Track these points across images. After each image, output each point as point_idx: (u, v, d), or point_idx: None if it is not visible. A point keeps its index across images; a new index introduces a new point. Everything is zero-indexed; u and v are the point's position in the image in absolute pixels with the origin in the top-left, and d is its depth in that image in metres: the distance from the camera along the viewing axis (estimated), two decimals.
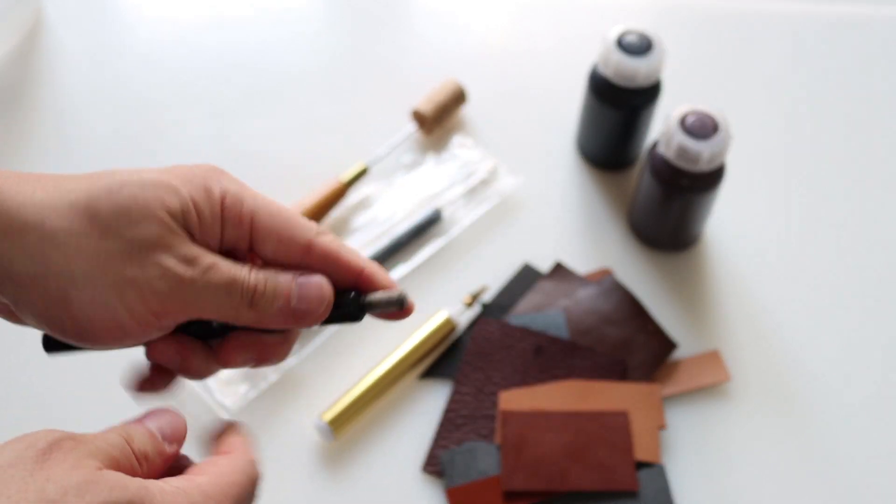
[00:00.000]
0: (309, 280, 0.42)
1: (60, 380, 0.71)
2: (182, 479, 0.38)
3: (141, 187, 0.39)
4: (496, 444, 0.67)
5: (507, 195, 0.80)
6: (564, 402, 0.69)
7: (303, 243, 0.42)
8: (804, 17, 0.94)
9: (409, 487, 0.67)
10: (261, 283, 0.41)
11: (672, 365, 0.72)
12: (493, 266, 0.77)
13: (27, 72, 0.88)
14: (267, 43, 0.91)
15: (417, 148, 0.83)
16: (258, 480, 0.40)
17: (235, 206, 0.41)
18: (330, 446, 0.68)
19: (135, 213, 0.39)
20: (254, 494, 0.40)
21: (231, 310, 0.40)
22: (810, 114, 0.87)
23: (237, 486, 0.39)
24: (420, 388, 0.71)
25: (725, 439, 0.69)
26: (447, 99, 0.82)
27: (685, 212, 0.73)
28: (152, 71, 0.89)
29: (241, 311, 0.41)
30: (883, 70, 0.91)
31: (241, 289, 0.40)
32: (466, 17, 0.94)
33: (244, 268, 0.41)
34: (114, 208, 0.39)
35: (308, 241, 0.42)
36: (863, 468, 0.69)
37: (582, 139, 0.83)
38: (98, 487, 0.34)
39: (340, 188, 0.77)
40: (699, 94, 0.82)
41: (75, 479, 0.33)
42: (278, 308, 0.41)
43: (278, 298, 0.41)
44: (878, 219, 0.81)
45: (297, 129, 0.85)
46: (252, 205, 0.41)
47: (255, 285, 0.41)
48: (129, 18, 0.94)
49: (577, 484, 0.66)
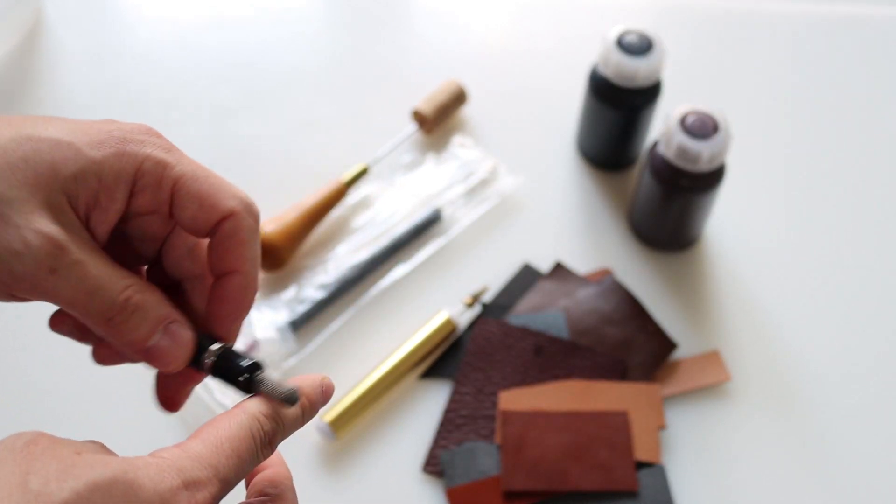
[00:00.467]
0: (178, 335, 0.39)
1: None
2: (172, 449, 0.36)
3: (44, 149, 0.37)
4: (496, 444, 0.67)
5: (507, 195, 0.80)
6: (564, 402, 0.69)
7: (225, 211, 0.39)
8: (804, 17, 0.94)
9: (409, 487, 0.67)
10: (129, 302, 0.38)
11: (672, 365, 0.72)
12: (493, 266, 0.77)
13: (27, 72, 0.88)
14: (267, 43, 0.91)
15: (418, 148, 0.83)
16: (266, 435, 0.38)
17: (156, 171, 0.39)
18: (330, 446, 0.68)
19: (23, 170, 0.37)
20: (256, 450, 0.37)
21: (87, 317, 0.38)
22: (810, 114, 0.87)
23: (233, 441, 0.37)
24: (420, 389, 0.71)
25: (725, 439, 0.69)
26: (448, 99, 0.82)
27: (685, 212, 0.73)
28: (152, 71, 0.89)
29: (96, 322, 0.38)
30: (883, 70, 0.91)
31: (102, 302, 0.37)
32: (466, 17, 0.94)
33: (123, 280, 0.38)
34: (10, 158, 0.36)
35: (231, 210, 0.39)
36: (863, 468, 0.69)
37: (582, 139, 0.83)
38: (78, 470, 0.33)
39: (340, 188, 0.77)
40: (699, 94, 0.82)
41: (55, 466, 0.33)
42: (131, 341, 0.39)
43: (136, 331, 0.38)
44: (878, 219, 0.81)
45: (297, 129, 0.85)
46: (178, 170, 0.39)
47: (120, 303, 0.38)
48: (129, 18, 0.94)
49: (577, 484, 0.66)
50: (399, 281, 0.76)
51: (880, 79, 0.90)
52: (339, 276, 0.74)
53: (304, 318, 0.72)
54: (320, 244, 0.77)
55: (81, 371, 0.71)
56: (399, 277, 0.76)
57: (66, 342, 0.42)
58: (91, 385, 0.70)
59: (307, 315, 0.73)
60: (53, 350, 0.72)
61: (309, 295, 0.73)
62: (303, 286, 0.74)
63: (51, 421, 0.69)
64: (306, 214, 0.75)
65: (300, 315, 0.72)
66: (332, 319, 0.73)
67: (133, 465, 0.35)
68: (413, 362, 0.71)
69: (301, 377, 0.40)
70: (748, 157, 0.81)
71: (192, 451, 0.36)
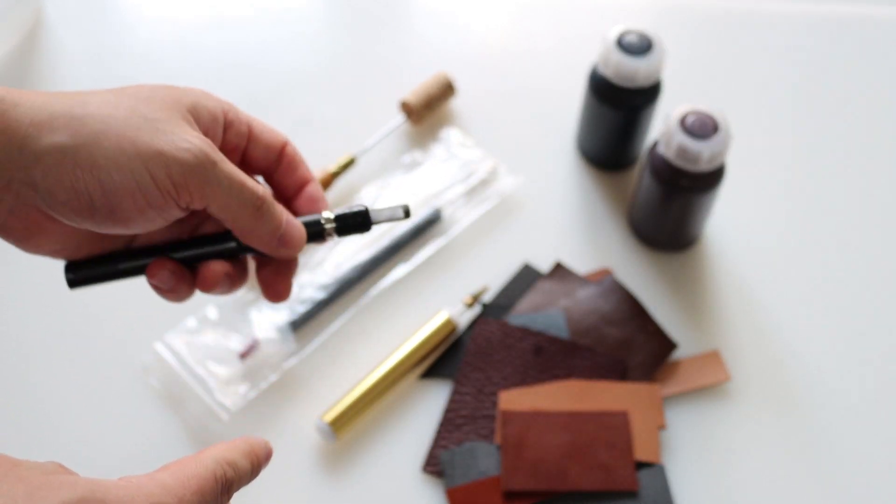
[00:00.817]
0: (294, 222, 0.49)
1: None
2: (141, 476, 0.38)
3: (155, 88, 0.45)
4: (496, 444, 0.67)
5: (507, 195, 0.80)
6: (564, 402, 0.69)
7: (279, 146, 0.51)
8: (804, 17, 0.94)
9: (409, 487, 0.67)
10: (267, 195, 0.46)
11: (672, 365, 0.72)
12: (493, 266, 0.77)
13: (27, 72, 0.88)
14: (267, 43, 0.91)
15: (406, 139, 0.83)
16: (227, 482, 0.40)
17: (237, 117, 0.49)
18: (330, 447, 0.69)
19: (157, 102, 0.43)
20: (217, 493, 0.40)
21: (239, 209, 0.45)
22: (810, 114, 0.87)
23: (199, 480, 0.39)
24: (420, 389, 0.71)
25: (725, 439, 0.69)
26: (435, 90, 0.83)
27: (685, 212, 0.73)
28: (152, 71, 0.89)
29: (245, 214, 0.45)
30: (883, 70, 0.91)
31: (252, 193, 0.45)
32: (466, 17, 0.94)
33: (251, 179, 0.46)
34: (137, 98, 0.43)
35: (283, 143, 0.51)
36: (863, 468, 0.69)
37: (582, 139, 0.83)
38: (46, 491, 0.34)
39: (326, 178, 0.78)
40: (699, 94, 0.82)
41: (22, 488, 0.33)
42: (272, 228, 0.47)
43: (275, 219, 0.47)
44: (878, 219, 0.81)
45: (296, 128, 0.84)
46: (246, 116, 0.50)
47: (263, 195, 0.46)
48: (129, 18, 0.94)
49: (577, 484, 0.66)
50: (399, 281, 0.76)
51: (880, 79, 0.90)
52: (339, 277, 0.74)
53: (304, 318, 0.72)
54: None
55: (70, 378, 0.71)
56: (399, 277, 0.76)
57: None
58: (81, 394, 0.71)
59: (307, 315, 0.73)
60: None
61: (309, 295, 0.73)
62: (303, 286, 0.74)
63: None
64: None
65: (300, 315, 0.72)
66: (332, 319, 0.73)
67: (102, 486, 0.36)
68: (413, 362, 0.71)
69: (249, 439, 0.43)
70: (748, 157, 0.81)
71: (161, 481, 0.38)
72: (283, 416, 0.70)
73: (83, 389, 0.70)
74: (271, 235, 0.47)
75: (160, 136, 0.42)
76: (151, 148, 0.42)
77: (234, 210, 0.45)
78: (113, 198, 0.42)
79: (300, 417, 0.69)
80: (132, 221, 0.43)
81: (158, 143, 0.42)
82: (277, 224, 0.47)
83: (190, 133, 0.43)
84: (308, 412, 0.69)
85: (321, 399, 0.70)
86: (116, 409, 0.70)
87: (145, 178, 0.42)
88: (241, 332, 0.72)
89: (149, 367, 0.71)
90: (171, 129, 0.43)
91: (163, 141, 0.42)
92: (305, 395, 0.70)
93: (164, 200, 0.43)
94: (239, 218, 0.45)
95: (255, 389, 0.70)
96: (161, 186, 0.42)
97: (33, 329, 0.73)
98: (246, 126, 0.49)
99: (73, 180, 0.41)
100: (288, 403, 0.70)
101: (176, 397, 0.70)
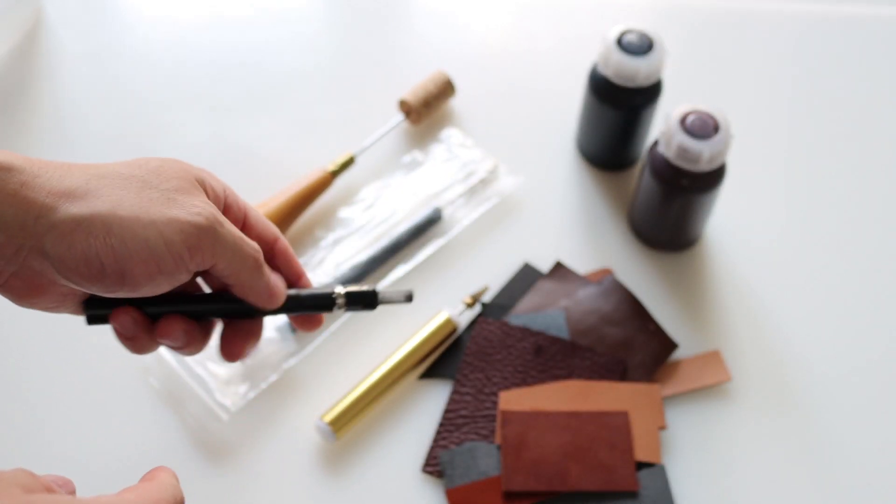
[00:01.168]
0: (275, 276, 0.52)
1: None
2: (111, 496, 0.40)
3: (165, 160, 0.47)
4: (496, 444, 0.67)
5: (507, 195, 0.80)
6: (564, 402, 0.69)
7: (271, 240, 0.53)
8: (804, 17, 0.94)
9: (409, 488, 0.67)
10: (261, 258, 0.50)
11: (672, 365, 0.72)
12: (493, 266, 0.76)
13: (27, 72, 0.88)
14: (266, 43, 0.91)
15: (406, 138, 0.83)
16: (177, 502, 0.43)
17: (236, 201, 0.51)
18: (330, 447, 0.68)
19: (167, 172, 0.46)
20: None
21: (242, 265, 0.48)
22: (811, 114, 0.87)
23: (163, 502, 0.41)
24: (420, 389, 0.71)
25: (726, 439, 0.69)
26: (434, 88, 0.82)
27: (685, 212, 0.73)
28: (152, 70, 0.89)
29: (246, 269, 0.48)
30: (883, 70, 0.91)
31: (252, 249, 0.49)
32: (466, 17, 0.94)
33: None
34: (148, 171, 0.46)
35: (274, 238, 0.53)
36: (863, 468, 0.69)
37: (582, 139, 0.82)
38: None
39: (325, 177, 0.77)
40: (699, 93, 0.82)
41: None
42: (266, 281, 0.50)
43: (266, 273, 0.50)
44: (878, 219, 0.81)
45: (296, 128, 0.85)
46: (243, 203, 0.52)
47: (258, 252, 0.49)
48: (129, 18, 0.94)
49: (578, 484, 0.66)
50: (399, 281, 0.76)
51: (880, 79, 0.90)
52: (339, 276, 0.74)
53: None
54: (307, 233, 0.77)
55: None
56: (399, 277, 0.76)
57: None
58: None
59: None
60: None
61: None
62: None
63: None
64: (290, 202, 0.75)
65: None
66: (332, 319, 0.73)
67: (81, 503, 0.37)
68: (413, 362, 0.71)
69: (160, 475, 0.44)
70: (748, 157, 0.81)
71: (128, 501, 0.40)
72: (283, 416, 0.70)
73: (83, 389, 0.70)
74: (265, 288, 0.50)
75: (173, 205, 0.45)
76: (165, 216, 0.45)
77: (237, 266, 0.48)
78: (125, 264, 0.44)
79: (300, 417, 0.69)
80: (140, 286, 0.45)
81: (173, 210, 0.45)
82: (269, 279, 0.51)
83: (199, 199, 0.46)
84: (308, 412, 0.69)
85: (321, 399, 0.70)
86: (116, 409, 0.70)
87: (159, 245, 0.44)
88: None
89: (149, 367, 0.71)
90: (183, 197, 0.46)
91: (176, 208, 0.45)
92: (305, 395, 0.70)
93: (175, 265, 0.45)
94: (241, 273, 0.48)
95: (254, 389, 0.70)
96: (173, 252, 0.45)
97: (33, 329, 0.73)
98: (243, 212, 0.51)
99: (86, 248, 0.43)
100: (288, 403, 0.70)
101: (176, 397, 0.70)
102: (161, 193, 0.45)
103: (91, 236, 0.43)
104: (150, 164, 0.47)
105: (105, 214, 0.44)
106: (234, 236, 0.48)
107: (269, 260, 0.53)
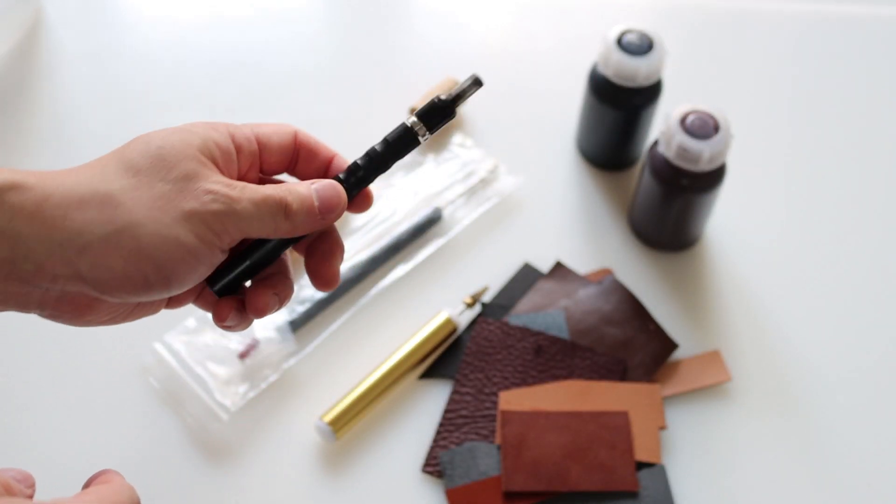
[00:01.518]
0: (322, 184, 0.49)
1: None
2: (72, 498, 0.41)
3: (165, 139, 0.46)
4: (496, 444, 0.67)
5: (507, 195, 0.80)
6: (564, 402, 0.69)
7: (290, 140, 0.51)
8: (804, 17, 0.94)
9: (409, 488, 0.67)
10: (287, 195, 0.47)
11: (672, 365, 0.72)
12: (493, 266, 0.76)
13: (27, 72, 0.88)
14: (267, 43, 0.91)
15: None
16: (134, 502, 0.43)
17: (243, 133, 0.49)
18: (330, 447, 0.68)
19: (170, 159, 0.45)
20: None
21: (272, 223, 0.46)
22: (811, 114, 0.87)
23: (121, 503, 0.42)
24: (420, 389, 0.71)
25: (726, 439, 0.69)
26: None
27: (685, 212, 0.73)
28: (152, 70, 0.89)
29: (279, 223, 0.47)
30: (883, 70, 0.91)
31: (275, 203, 0.46)
32: (466, 17, 0.94)
33: (268, 186, 0.47)
34: (151, 161, 0.45)
35: (292, 135, 0.51)
36: (863, 468, 0.69)
37: (582, 139, 0.82)
38: None
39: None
40: (699, 93, 0.82)
41: None
42: (307, 212, 0.47)
43: (305, 203, 0.47)
44: (878, 218, 0.81)
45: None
46: (248, 128, 0.50)
47: (282, 198, 0.47)
48: (128, 18, 0.94)
49: (578, 484, 0.65)
50: (399, 281, 0.76)
51: (880, 79, 0.90)
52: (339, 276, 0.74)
53: (303, 318, 0.72)
54: None
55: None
56: (399, 277, 0.76)
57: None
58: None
59: (307, 315, 0.73)
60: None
61: (308, 295, 0.73)
62: (302, 286, 0.74)
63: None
64: None
65: (300, 315, 0.72)
66: (332, 319, 0.73)
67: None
68: (413, 362, 0.71)
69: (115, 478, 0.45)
70: (748, 157, 0.81)
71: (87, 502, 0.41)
72: (283, 416, 0.70)
73: (83, 389, 0.70)
74: (311, 217, 0.48)
75: (188, 196, 0.44)
76: (183, 210, 0.44)
77: (268, 225, 0.47)
78: (167, 270, 0.44)
79: (300, 417, 0.69)
80: (187, 281, 0.45)
81: (189, 202, 0.44)
82: (310, 205, 0.48)
83: (208, 181, 0.45)
84: (308, 412, 0.69)
85: (321, 399, 0.70)
86: (116, 409, 0.70)
87: (191, 240, 0.44)
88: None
89: (149, 367, 0.71)
90: (193, 185, 0.45)
91: (191, 199, 0.44)
92: (305, 395, 0.70)
93: (211, 252, 0.45)
94: (277, 228, 0.47)
95: (254, 389, 0.70)
96: (205, 241, 0.45)
97: (33, 329, 0.73)
98: (253, 137, 0.50)
99: (124, 266, 0.43)
100: (288, 403, 0.70)
101: (176, 397, 0.70)
102: (172, 185, 0.44)
103: (125, 252, 0.43)
104: (150, 149, 0.45)
105: (129, 228, 0.43)
106: (253, 202, 0.46)
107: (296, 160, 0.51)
